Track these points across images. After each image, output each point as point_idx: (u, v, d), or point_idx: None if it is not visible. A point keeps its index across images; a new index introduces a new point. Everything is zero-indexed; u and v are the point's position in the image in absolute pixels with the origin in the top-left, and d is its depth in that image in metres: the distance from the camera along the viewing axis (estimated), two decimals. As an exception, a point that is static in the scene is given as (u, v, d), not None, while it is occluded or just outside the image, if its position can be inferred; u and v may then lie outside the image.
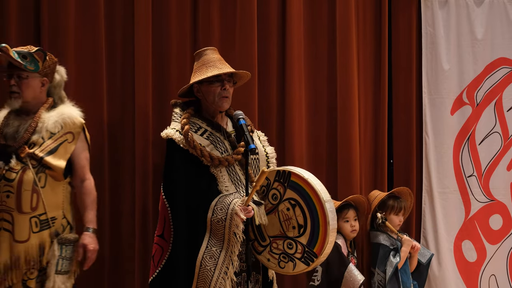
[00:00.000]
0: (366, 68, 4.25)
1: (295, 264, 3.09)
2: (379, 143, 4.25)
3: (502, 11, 4.43)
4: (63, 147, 3.12)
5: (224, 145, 3.21)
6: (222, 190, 3.11)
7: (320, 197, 3.00)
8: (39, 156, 3.04)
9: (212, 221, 3.03)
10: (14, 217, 2.99)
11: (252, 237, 3.18)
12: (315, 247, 3.02)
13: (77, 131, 3.19)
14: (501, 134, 4.41)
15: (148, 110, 3.71)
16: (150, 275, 3.20)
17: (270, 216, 3.15)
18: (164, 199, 3.17)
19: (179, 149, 3.12)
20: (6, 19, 3.55)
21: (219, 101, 3.22)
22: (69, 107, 3.22)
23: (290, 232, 3.09)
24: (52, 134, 3.10)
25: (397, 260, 3.86)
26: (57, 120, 3.13)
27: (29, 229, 3.00)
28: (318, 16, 4.13)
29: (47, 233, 3.05)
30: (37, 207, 3.02)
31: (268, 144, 3.46)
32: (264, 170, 2.91)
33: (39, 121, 3.10)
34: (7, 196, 2.99)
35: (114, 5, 3.74)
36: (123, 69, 3.75)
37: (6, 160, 3.01)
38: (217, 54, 3.33)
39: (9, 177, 3.00)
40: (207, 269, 3.00)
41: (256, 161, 3.30)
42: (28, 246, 3.00)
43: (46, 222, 3.05)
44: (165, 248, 3.16)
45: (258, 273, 3.26)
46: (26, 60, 3.07)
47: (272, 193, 3.15)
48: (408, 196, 4.13)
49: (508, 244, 4.40)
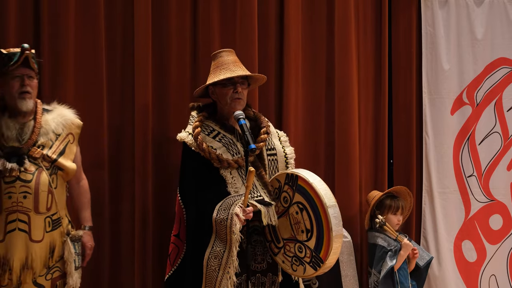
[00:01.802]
0: (366, 68, 4.25)
1: (305, 268, 3.07)
2: (379, 143, 4.25)
3: (502, 11, 4.43)
4: (68, 148, 3.16)
5: (236, 147, 3.22)
6: (232, 192, 3.13)
7: (323, 202, 2.96)
8: (53, 158, 3.07)
9: (216, 222, 3.04)
10: (31, 217, 3.00)
11: (269, 239, 3.20)
12: (321, 253, 2.98)
13: (76, 132, 3.21)
14: (501, 134, 4.42)
15: (148, 110, 3.71)
16: (166, 273, 3.28)
17: (283, 219, 3.14)
18: (180, 201, 3.24)
19: (191, 151, 3.19)
20: (6, 19, 3.54)
21: (231, 103, 3.23)
22: (65, 109, 3.23)
23: (299, 235, 3.08)
24: (57, 136, 3.12)
25: (393, 262, 3.84)
26: (60, 121, 3.15)
27: (44, 229, 3.03)
28: (317, 17, 4.13)
29: (57, 232, 3.09)
30: (51, 207, 3.06)
31: (288, 145, 3.45)
32: (251, 170, 2.90)
33: (42, 122, 3.11)
34: (24, 197, 2.99)
35: (114, 5, 3.74)
36: (123, 69, 3.74)
37: (20, 162, 3.01)
38: (233, 55, 3.35)
39: (26, 178, 3.00)
40: (212, 269, 3.03)
41: (275, 162, 3.31)
42: (42, 245, 3.03)
43: (57, 221, 3.09)
44: (181, 247, 3.25)
45: (275, 275, 3.26)
46: (35, 61, 3.10)
47: (283, 195, 3.15)
48: (407, 195, 4.12)
49: (508, 244, 4.40)
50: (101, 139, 3.65)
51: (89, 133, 3.46)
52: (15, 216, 2.99)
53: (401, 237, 3.92)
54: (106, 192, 3.65)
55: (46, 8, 3.58)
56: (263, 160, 3.25)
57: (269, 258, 3.22)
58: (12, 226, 2.98)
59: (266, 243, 3.20)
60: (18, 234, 2.99)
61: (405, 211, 4.12)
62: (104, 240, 3.61)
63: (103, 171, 3.64)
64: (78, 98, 3.51)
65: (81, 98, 3.54)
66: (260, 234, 3.19)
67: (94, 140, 3.59)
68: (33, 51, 3.09)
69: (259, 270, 3.17)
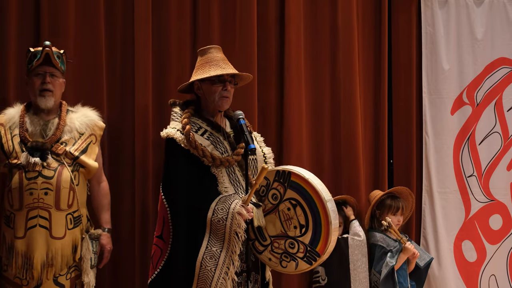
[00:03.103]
0: (366, 68, 4.25)
1: (297, 264, 3.10)
2: (380, 144, 4.25)
3: (502, 11, 4.43)
4: (90, 147, 3.20)
5: (224, 145, 3.21)
6: (222, 191, 3.11)
7: (322, 197, 3.00)
8: (75, 155, 3.11)
9: (212, 221, 3.02)
10: (51, 214, 3.02)
11: (252, 237, 3.19)
12: (318, 247, 3.03)
13: (99, 133, 3.27)
14: (501, 134, 4.41)
15: (148, 110, 3.71)
16: (149, 276, 3.20)
17: (271, 216, 3.15)
18: (163, 199, 3.17)
19: (180, 148, 3.12)
20: (6, 19, 3.55)
21: (219, 100, 3.23)
22: (90, 111, 3.30)
23: (291, 231, 3.10)
24: (80, 135, 3.17)
25: (393, 263, 3.84)
26: (85, 121, 3.22)
27: (65, 226, 3.05)
28: (319, 17, 4.13)
29: (78, 230, 3.12)
30: (72, 205, 3.08)
31: (264, 145, 3.46)
32: (264, 166, 2.91)
33: (67, 120, 3.16)
34: (45, 193, 3.01)
35: (114, 5, 3.74)
36: (123, 69, 3.75)
37: (43, 157, 3.03)
38: (221, 53, 3.34)
39: (47, 175, 3.03)
40: (208, 270, 3.00)
41: (254, 161, 3.30)
42: (64, 243, 3.05)
43: (78, 219, 3.12)
44: (164, 249, 3.16)
45: (257, 273, 3.27)
46: (60, 60, 3.16)
47: (272, 193, 3.15)
48: (408, 196, 4.12)
49: (508, 244, 4.39)
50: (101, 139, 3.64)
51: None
52: (36, 212, 3.00)
53: (404, 240, 3.92)
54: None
55: (46, 8, 3.59)
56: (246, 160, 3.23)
57: (252, 257, 3.21)
58: (33, 223, 3.00)
59: (249, 242, 3.16)
60: (38, 230, 3.00)
61: (406, 211, 4.12)
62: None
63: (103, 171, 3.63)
64: (78, 98, 3.51)
65: (81, 98, 3.53)
66: None
67: (94, 140, 3.60)
68: (59, 51, 3.16)
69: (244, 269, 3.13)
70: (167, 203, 3.15)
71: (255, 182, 2.96)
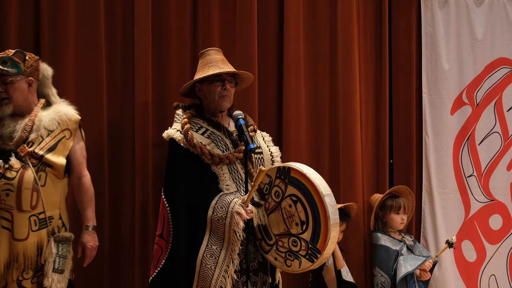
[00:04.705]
0: (366, 68, 4.25)
1: (300, 262, 3.04)
2: (380, 144, 4.25)
3: (502, 11, 4.43)
4: (61, 144, 3.12)
5: (225, 143, 3.22)
6: (223, 188, 3.11)
7: (319, 191, 2.94)
8: (40, 154, 3.05)
9: (212, 220, 3.03)
10: (13, 215, 2.99)
11: (259, 237, 3.18)
12: (318, 243, 2.96)
13: (73, 127, 3.18)
14: (501, 134, 4.41)
15: (148, 110, 3.71)
16: (150, 274, 3.21)
17: (274, 214, 3.13)
18: (164, 199, 3.18)
19: (180, 148, 3.14)
20: (6, 19, 3.55)
21: (219, 100, 3.24)
22: (64, 105, 3.22)
23: (293, 229, 3.05)
24: (49, 132, 3.11)
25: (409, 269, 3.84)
26: (54, 117, 3.14)
27: (29, 227, 3.00)
28: (319, 17, 4.13)
29: (45, 232, 3.05)
30: (37, 206, 3.03)
31: (272, 144, 3.46)
32: (262, 169, 2.89)
33: (36, 119, 3.11)
34: (6, 194, 2.99)
35: (114, 5, 3.75)
36: (123, 69, 3.75)
37: (5, 159, 3.02)
38: (221, 54, 3.35)
39: (9, 176, 3.00)
40: (208, 268, 3.01)
41: (261, 160, 3.30)
42: (27, 244, 3.00)
43: (44, 221, 3.05)
44: (164, 248, 3.17)
45: (266, 275, 3.24)
46: (6, 65, 3.07)
47: (275, 190, 3.12)
48: (408, 194, 4.14)
49: (508, 244, 4.39)
50: (101, 139, 3.66)
51: (89, 132, 3.46)
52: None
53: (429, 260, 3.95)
54: (106, 191, 3.65)
55: (46, 8, 3.59)
56: (250, 158, 3.23)
57: (260, 257, 3.21)
58: None
59: (256, 242, 3.17)
60: (1, 231, 2.99)
61: (408, 210, 4.12)
62: (104, 239, 3.60)
63: (103, 170, 3.64)
64: (78, 98, 3.51)
65: (81, 98, 3.54)
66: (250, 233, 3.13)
67: (95, 139, 3.59)
68: (7, 54, 3.08)
69: (251, 269, 3.13)
70: (167, 203, 3.17)
71: (253, 184, 2.95)
